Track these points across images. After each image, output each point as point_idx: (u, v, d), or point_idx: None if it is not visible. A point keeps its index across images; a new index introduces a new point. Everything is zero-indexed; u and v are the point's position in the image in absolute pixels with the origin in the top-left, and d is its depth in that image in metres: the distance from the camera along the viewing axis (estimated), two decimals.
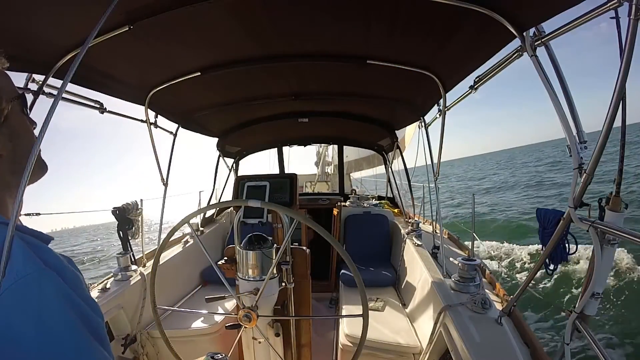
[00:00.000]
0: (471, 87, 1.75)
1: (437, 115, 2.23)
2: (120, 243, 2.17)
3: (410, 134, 4.43)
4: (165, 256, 2.46)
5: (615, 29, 0.86)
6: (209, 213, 3.49)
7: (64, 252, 0.51)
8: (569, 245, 1.16)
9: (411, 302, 2.15)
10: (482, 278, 1.72)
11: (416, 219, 3.28)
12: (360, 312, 0.98)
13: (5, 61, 0.50)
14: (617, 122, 0.90)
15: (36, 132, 0.54)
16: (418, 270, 2.19)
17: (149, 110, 2.15)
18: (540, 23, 1.09)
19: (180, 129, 2.65)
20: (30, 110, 0.55)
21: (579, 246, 1.15)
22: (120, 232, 2.16)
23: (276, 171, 4.34)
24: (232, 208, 3.29)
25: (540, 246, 1.22)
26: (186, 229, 2.61)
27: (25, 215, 1.95)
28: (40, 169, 0.55)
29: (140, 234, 2.26)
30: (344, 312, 2.21)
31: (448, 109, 2.06)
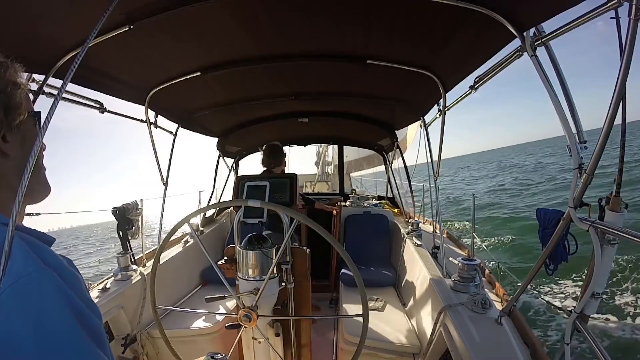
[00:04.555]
0: (471, 87, 1.76)
1: (437, 115, 2.23)
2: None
3: (412, 135, 4.40)
4: (165, 256, 2.46)
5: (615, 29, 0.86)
6: (209, 213, 3.49)
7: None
8: (569, 245, 1.16)
9: (411, 302, 2.15)
10: (482, 278, 1.72)
11: (416, 218, 3.28)
12: (360, 312, 0.98)
13: (22, 74, 0.53)
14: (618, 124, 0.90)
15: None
16: (418, 270, 2.19)
17: (149, 110, 2.15)
18: (540, 23, 1.09)
19: (180, 129, 2.66)
20: None
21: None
22: (120, 232, 2.16)
23: None
24: (232, 208, 3.29)
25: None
26: (186, 228, 2.61)
27: (26, 215, 1.95)
28: (44, 189, 0.57)
29: (140, 234, 2.26)
30: (344, 312, 2.21)
31: (448, 109, 2.06)
